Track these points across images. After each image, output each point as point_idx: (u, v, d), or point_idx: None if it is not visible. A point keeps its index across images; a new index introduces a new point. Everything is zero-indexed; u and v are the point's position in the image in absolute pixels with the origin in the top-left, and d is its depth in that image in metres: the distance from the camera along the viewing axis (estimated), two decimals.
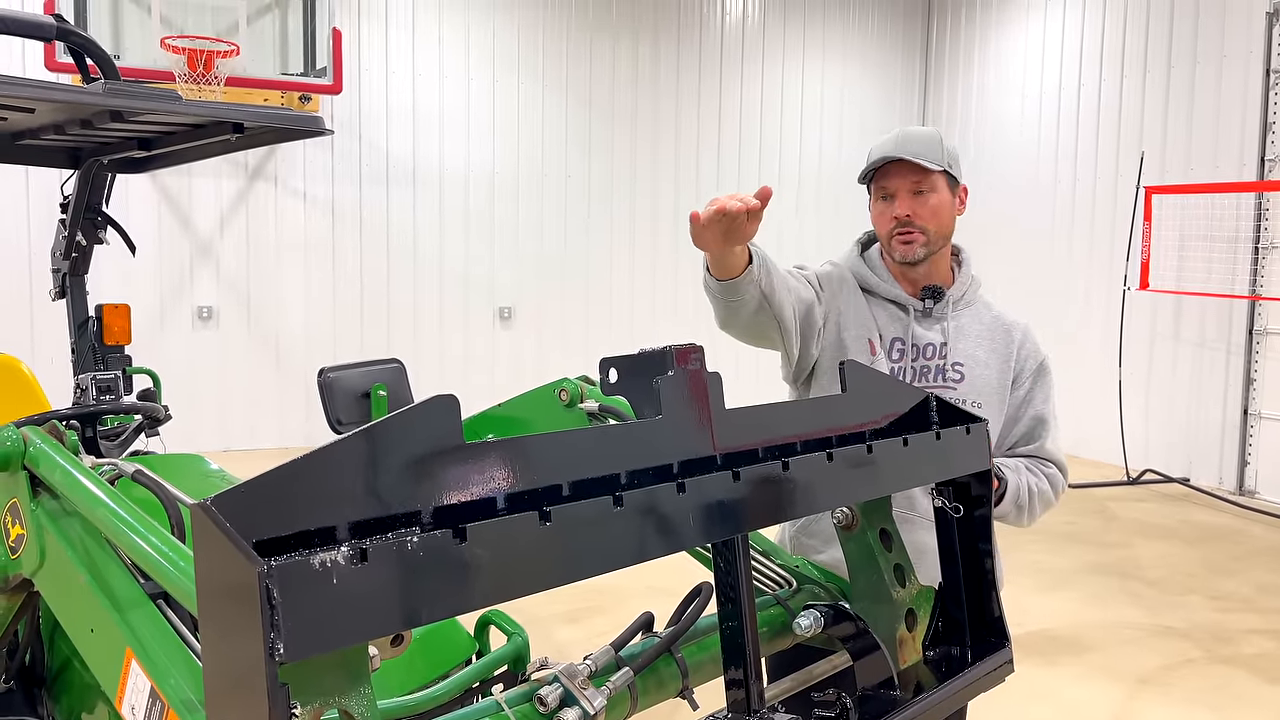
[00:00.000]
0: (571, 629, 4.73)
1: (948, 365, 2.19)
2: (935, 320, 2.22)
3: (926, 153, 2.12)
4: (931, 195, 2.14)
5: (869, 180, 2.20)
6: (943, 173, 2.15)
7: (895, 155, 2.12)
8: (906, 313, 2.21)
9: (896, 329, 2.21)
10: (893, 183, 2.14)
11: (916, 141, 2.13)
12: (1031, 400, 2.24)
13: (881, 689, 1.50)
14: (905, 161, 2.12)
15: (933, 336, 2.20)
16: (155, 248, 8.20)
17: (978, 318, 2.26)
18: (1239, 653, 4.76)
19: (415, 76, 9.07)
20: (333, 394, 2.45)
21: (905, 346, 2.19)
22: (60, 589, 1.41)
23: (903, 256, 2.17)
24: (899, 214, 2.14)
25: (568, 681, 1.25)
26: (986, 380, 2.19)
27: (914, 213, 2.13)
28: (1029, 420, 2.23)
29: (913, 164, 2.11)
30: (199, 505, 0.82)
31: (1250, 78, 7.87)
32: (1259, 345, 7.94)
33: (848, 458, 1.40)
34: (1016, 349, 2.25)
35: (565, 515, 1.03)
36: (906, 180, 2.13)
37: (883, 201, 2.18)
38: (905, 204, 2.14)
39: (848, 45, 10.81)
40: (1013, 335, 2.25)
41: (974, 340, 2.22)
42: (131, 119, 2.50)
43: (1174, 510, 7.50)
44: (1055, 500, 2.21)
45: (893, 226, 2.16)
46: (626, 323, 9.94)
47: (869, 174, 2.19)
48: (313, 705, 0.91)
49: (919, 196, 2.14)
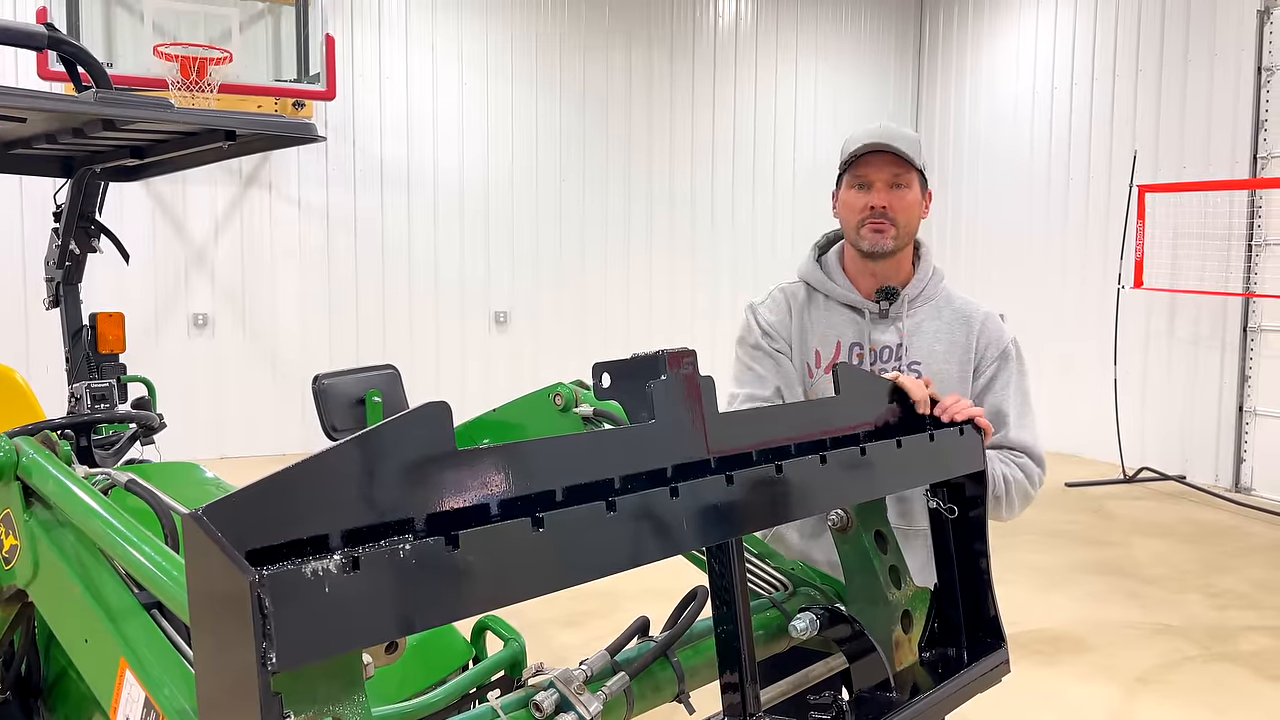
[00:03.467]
0: (570, 633, 4.72)
1: (904, 366, 2.18)
2: (891, 321, 2.21)
3: (909, 149, 2.13)
4: (908, 191, 2.15)
5: (845, 168, 2.20)
6: (919, 172, 2.16)
7: (880, 144, 2.12)
8: (863, 316, 2.21)
9: (854, 333, 2.21)
10: (873, 172, 2.14)
11: (900, 137, 2.14)
12: (991, 388, 2.20)
13: (878, 691, 1.50)
14: (887, 153, 2.12)
15: (889, 338, 2.20)
16: (150, 255, 8.19)
17: (937, 312, 2.24)
18: (1237, 650, 4.76)
19: (409, 82, 9.07)
20: (327, 401, 2.45)
21: (864, 350, 2.19)
22: (54, 600, 1.41)
23: (872, 246, 2.16)
24: (876, 203, 2.14)
25: (563, 687, 1.25)
26: (946, 374, 2.16)
27: (890, 204, 2.14)
28: (988, 410, 2.16)
29: (894, 156, 2.12)
30: (190, 515, 0.82)
31: (1242, 76, 7.89)
32: (1253, 342, 7.95)
33: (841, 460, 1.40)
34: (976, 338, 2.22)
35: (558, 521, 1.03)
36: (886, 171, 2.14)
37: (858, 190, 2.17)
38: (883, 194, 2.14)
39: (841, 47, 10.82)
40: (972, 325, 2.23)
41: (932, 336, 2.21)
42: (123, 127, 2.49)
43: (1170, 508, 7.51)
44: (1033, 492, 2.16)
45: (866, 215, 2.15)
46: (622, 326, 9.94)
47: (848, 162, 2.19)
48: (307, 714, 0.91)
49: (896, 190, 2.14)
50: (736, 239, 10.37)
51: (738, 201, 10.41)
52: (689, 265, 10.20)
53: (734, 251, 10.34)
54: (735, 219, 10.40)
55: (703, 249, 10.26)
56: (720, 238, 10.32)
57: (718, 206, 10.37)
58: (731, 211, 10.40)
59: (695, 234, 10.27)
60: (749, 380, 2.20)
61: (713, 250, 10.27)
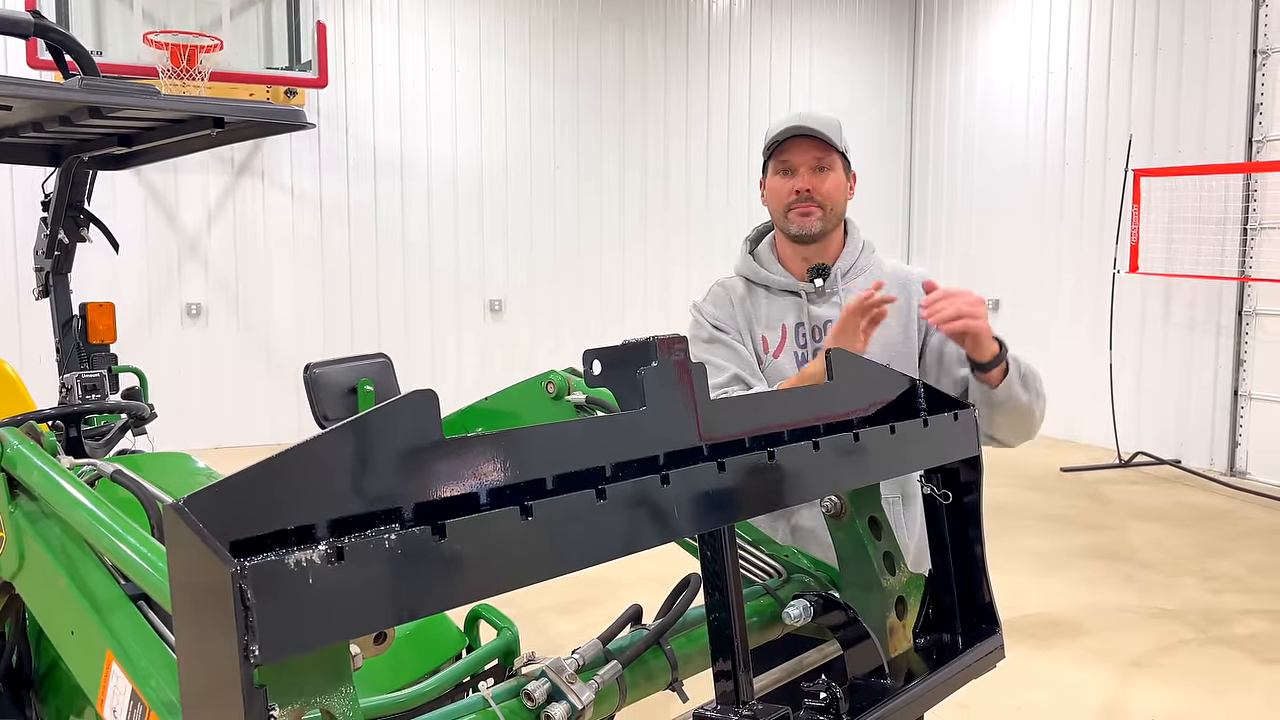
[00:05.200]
0: (565, 621, 4.72)
1: None
2: (828, 297, 2.25)
3: (829, 131, 2.17)
4: (830, 174, 2.19)
5: (769, 155, 2.24)
6: (841, 154, 2.20)
7: (800, 127, 2.16)
8: (801, 297, 2.25)
9: (796, 315, 2.25)
10: (795, 157, 2.19)
11: (819, 120, 2.18)
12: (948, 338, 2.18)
13: (872, 677, 1.49)
14: (808, 138, 2.16)
15: (830, 313, 2.23)
16: (142, 245, 8.16)
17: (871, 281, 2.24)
18: (1232, 633, 4.78)
19: (401, 69, 9.02)
20: (319, 390, 2.44)
21: (806, 330, 2.23)
22: (40, 591, 1.39)
23: (800, 229, 2.20)
24: (801, 187, 2.18)
25: (555, 676, 1.24)
26: (889, 339, 2.18)
27: (814, 187, 2.18)
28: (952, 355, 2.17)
29: (814, 140, 2.16)
30: (171, 505, 0.81)
31: (1237, 59, 7.87)
32: (1248, 326, 7.95)
33: (835, 446, 1.38)
34: (914, 298, 2.22)
35: (547, 509, 1.02)
36: (809, 156, 2.18)
37: (782, 176, 2.22)
38: (806, 178, 2.18)
39: (836, 30, 10.78)
40: (909, 288, 2.24)
41: None
42: (110, 115, 2.47)
43: (1166, 492, 7.52)
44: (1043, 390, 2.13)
45: (792, 200, 2.19)
46: (618, 313, 9.92)
47: (770, 148, 2.22)
48: (292, 706, 0.90)
49: (819, 173, 2.19)
50: (731, 224, 10.34)
51: (733, 187, 10.39)
52: (684, 251, 10.18)
53: (729, 237, 10.30)
54: (730, 204, 10.37)
55: (698, 234, 10.23)
56: (715, 223, 10.29)
57: (713, 191, 10.34)
58: (726, 196, 10.38)
59: (690, 219, 10.25)
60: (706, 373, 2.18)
61: (708, 235, 10.25)
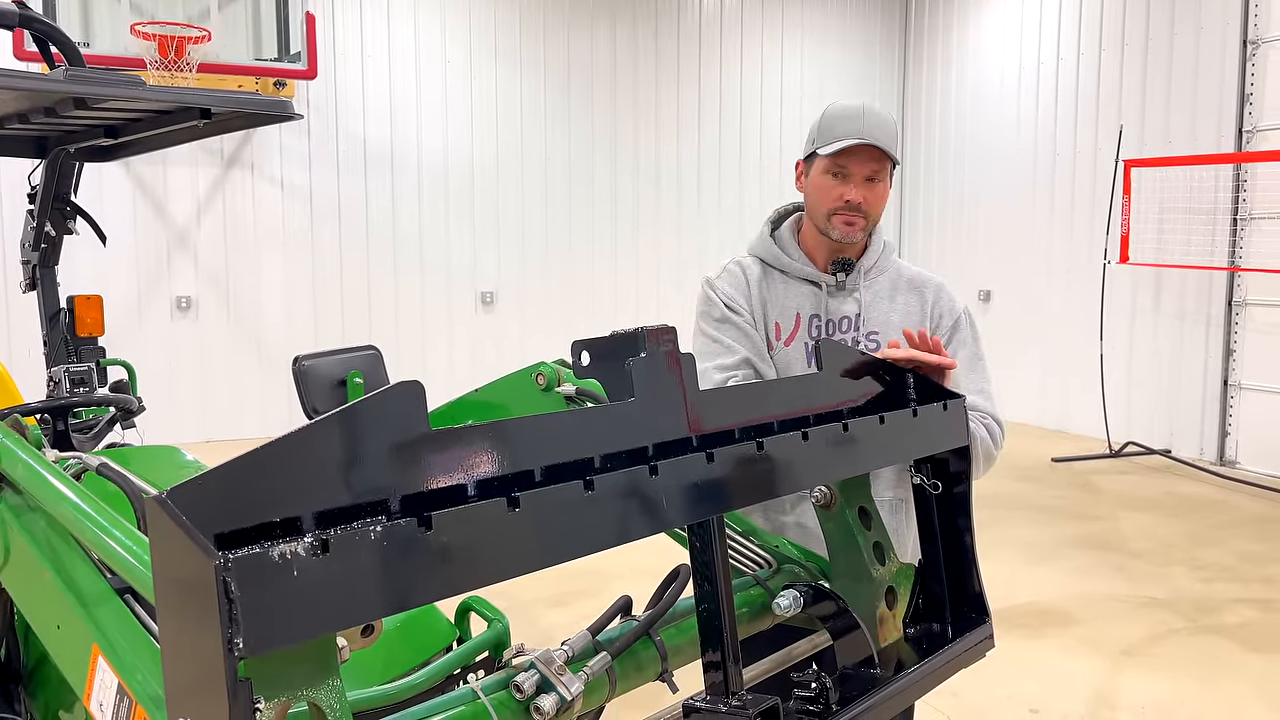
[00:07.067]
0: (557, 612, 4.72)
1: (862, 335, 2.21)
2: (849, 292, 2.24)
3: (890, 142, 2.11)
4: (881, 184, 2.15)
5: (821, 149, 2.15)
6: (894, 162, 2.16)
7: (866, 140, 2.09)
8: (820, 288, 2.23)
9: (812, 305, 2.23)
10: (854, 165, 2.12)
11: (882, 128, 2.11)
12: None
13: (862, 667, 1.50)
14: (871, 147, 2.09)
15: (847, 308, 2.23)
16: (131, 238, 8.12)
17: (891, 283, 2.27)
18: (1222, 622, 4.80)
19: (392, 61, 8.97)
20: (308, 382, 2.43)
21: (821, 322, 2.22)
22: (26, 585, 1.39)
23: (843, 236, 2.17)
24: (853, 198, 2.12)
25: (544, 667, 1.24)
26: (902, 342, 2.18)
27: (866, 199, 2.13)
28: None
29: (877, 151, 2.10)
30: (154, 498, 0.80)
31: (1227, 49, 7.88)
32: (1238, 316, 7.98)
33: (824, 436, 1.38)
34: (930, 307, 2.25)
35: (534, 501, 1.01)
36: (867, 166, 2.12)
37: (834, 178, 2.14)
38: (860, 190, 2.12)
39: (826, 23, 10.76)
40: (925, 295, 2.26)
41: (887, 306, 2.25)
42: (96, 106, 2.45)
43: (1156, 482, 7.55)
44: (995, 452, 2.16)
45: (840, 206, 2.14)
46: (609, 305, 9.91)
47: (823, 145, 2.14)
48: (279, 699, 0.89)
49: (871, 183, 2.14)
50: (723, 217, 10.34)
51: (724, 179, 10.37)
52: (675, 244, 10.16)
53: (720, 229, 10.30)
54: (721, 197, 10.36)
55: (689, 227, 10.22)
56: (706, 215, 10.29)
57: (704, 184, 10.33)
58: (718, 189, 10.36)
59: (681, 212, 10.24)
60: (715, 352, 2.19)
61: (699, 228, 10.24)
